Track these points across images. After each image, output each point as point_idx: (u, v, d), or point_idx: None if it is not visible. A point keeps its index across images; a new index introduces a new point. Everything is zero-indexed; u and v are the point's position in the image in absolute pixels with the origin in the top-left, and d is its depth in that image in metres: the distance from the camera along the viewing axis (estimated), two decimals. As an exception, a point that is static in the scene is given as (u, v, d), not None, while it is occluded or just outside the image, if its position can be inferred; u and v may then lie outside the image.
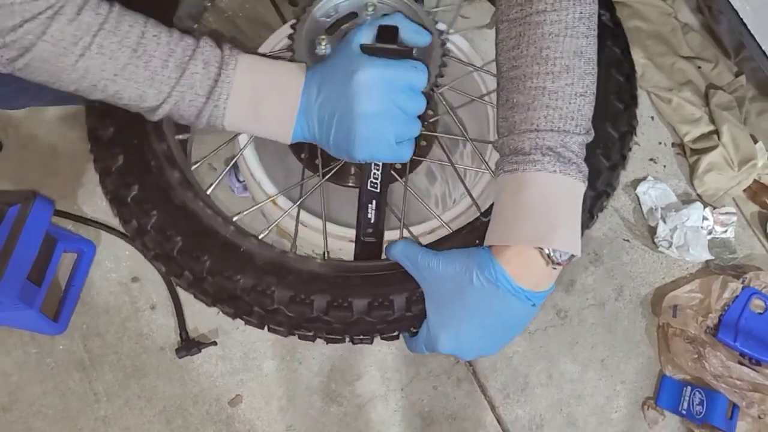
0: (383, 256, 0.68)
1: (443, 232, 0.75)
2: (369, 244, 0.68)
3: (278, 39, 0.88)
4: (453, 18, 0.85)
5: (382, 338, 0.66)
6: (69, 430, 0.96)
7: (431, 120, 0.80)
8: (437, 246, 0.66)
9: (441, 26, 0.74)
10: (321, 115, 0.59)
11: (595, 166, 0.68)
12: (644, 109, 1.30)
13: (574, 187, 0.57)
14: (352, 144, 0.59)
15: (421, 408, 1.03)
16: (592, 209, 0.71)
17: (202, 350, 1.00)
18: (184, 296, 1.03)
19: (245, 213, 0.73)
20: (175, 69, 0.58)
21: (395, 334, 0.66)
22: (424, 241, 0.78)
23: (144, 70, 0.57)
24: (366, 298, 0.63)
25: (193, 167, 0.75)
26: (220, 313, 0.67)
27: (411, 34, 0.63)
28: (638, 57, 1.30)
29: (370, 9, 0.70)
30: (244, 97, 0.60)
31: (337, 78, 0.59)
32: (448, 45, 0.70)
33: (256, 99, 0.60)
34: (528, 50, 0.58)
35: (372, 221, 0.68)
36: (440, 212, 0.78)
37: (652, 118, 1.29)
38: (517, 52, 0.59)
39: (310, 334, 0.65)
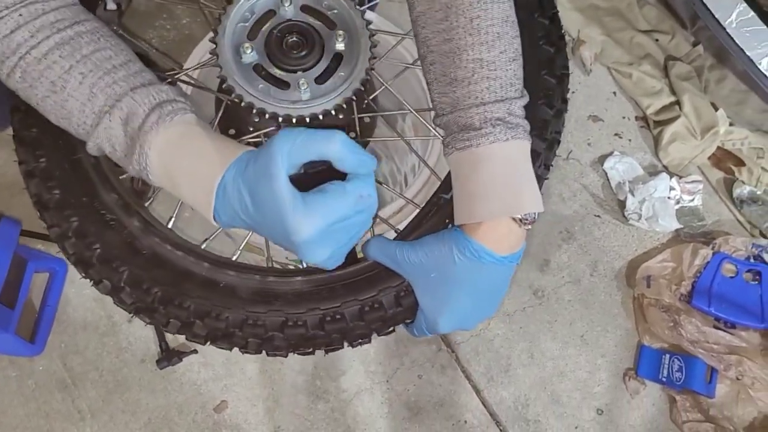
0: (359, 255, 0.67)
1: (411, 208, 0.75)
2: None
3: (203, 51, 0.86)
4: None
5: (379, 335, 0.66)
6: (55, 451, 0.96)
7: (371, 96, 0.79)
8: (411, 234, 0.66)
9: (369, 15, 0.72)
10: (249, 224, 0.51)
11: (541, 117, 0.68)
12: (606, 84, 1.31)
13: (524, 148, 0.58)
14: (302, 256, 0.51)
15: (407, 398, 1.03)
16: (546, 160, 0.71)
17: (183, 359, 1.00)
18: (162, 307, 1.03)
19: (212, 238, 0.71)
20: (91, 116, 0.54)
21: (391, 330, 0.66)
22: (396, 220, 0.78)
23: (61, 108, 0.54)
24: (356, 305, 0.63)
25: (147, 204, 0.72)
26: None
27: (352, 165, 0.50)
28: (596, 34, 1.31)
29: (287, 3, 0.68)
30: (161, 175, 0.53)
31: (264, 209, 0.49)
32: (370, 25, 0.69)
33: (173, 183, 0.53)
34: (458, 21, 0.57)
35: None
36: (399, 190, 0.78)
37: (615, 93, 1.30)
38: (447, 25, 0.58)
39: (310, 350, 0.65)
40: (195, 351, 1.01)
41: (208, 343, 0.64)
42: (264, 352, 0.64)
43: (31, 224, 1.06)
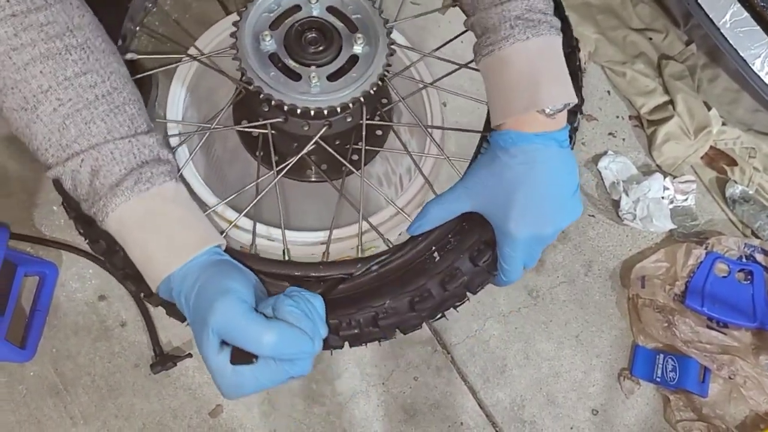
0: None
1: (401, 217, 0.76)
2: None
3: (216, 33, 0.86)
4: (399, 6, 0.83)
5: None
6: (47, 458, 0.95)
7: (385, 109, 0.80)
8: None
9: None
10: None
11: None
12: (600, 83, 1.31)
13: (550, 43, 0.57)
14: None
15: (403, 400, 1.03)
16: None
17: (178, 363, 0.99)
18: (155, 311, 1.02)
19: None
20: (57, 147, 0.51)
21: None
22: (387, 227, 0.78)
23: (25, 126, 0.51)
24: (369, 312, 0.62)
25: None
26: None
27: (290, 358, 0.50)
28: (590, 32, 1.31)
29: (314, 1, 0.69)
30: (114, 233, 0.53)
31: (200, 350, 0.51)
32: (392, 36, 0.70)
33: (125, 246, 0.53)
34: None
35: None
36: (392, 194, 0.77)
37: (609, 92, 1.30)
38: None
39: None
40: (189, 355, 1.00)
41: None
42: None
43: (19, 227, 1.05)
